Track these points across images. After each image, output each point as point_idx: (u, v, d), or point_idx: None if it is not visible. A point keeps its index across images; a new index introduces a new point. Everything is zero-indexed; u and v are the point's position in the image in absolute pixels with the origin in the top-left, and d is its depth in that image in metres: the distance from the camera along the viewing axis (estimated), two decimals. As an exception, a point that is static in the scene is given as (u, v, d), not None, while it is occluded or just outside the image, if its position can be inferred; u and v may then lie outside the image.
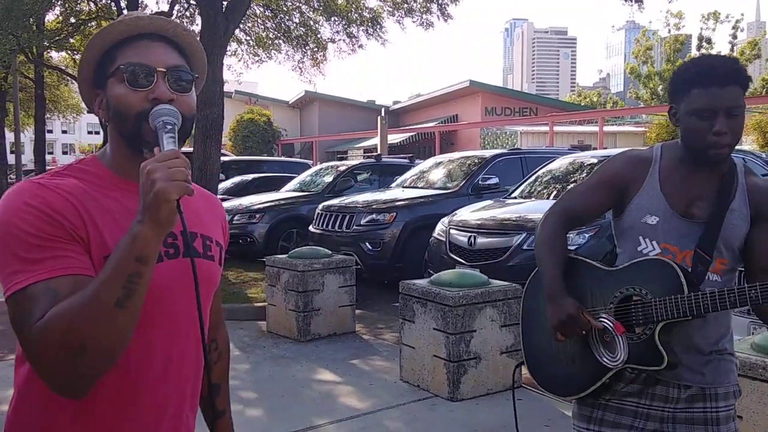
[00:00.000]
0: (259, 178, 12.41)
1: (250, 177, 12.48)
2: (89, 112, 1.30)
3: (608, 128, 25.21)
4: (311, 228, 8.52)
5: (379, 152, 14.33)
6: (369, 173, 11.00)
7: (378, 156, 11.53)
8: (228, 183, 12.44)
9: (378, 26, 14.08)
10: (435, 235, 6.80)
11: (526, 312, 1.95)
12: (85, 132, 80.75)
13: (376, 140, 20.16)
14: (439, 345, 4.30)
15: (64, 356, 1.00)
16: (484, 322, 4.34)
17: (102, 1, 15.64)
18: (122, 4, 13.70)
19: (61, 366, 1.00)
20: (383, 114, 20.25)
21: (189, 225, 1.11)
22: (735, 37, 35.56)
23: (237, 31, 13.23)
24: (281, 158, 22.05)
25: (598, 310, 1.74)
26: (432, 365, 4.37)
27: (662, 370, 1.67)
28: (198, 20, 12.22)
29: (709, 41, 33.60)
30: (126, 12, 12.81)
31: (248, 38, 15.22)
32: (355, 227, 7.82)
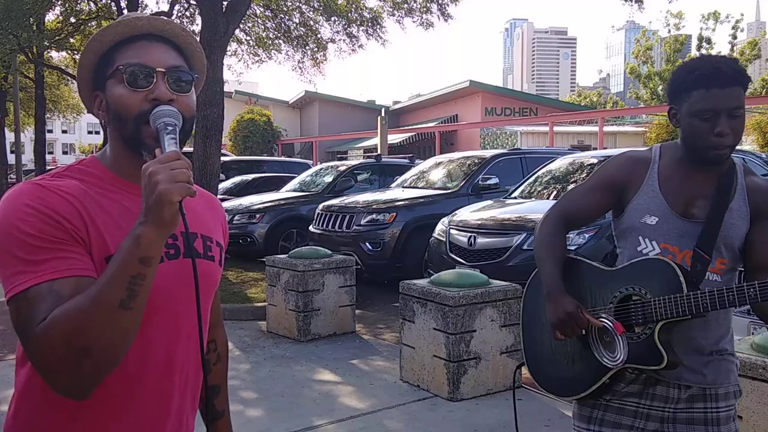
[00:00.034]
0: (259, 178, 12.42)
1: (250, 177, 12.50)
2: (89, 112, 1.29)
3: (608, 128, 25.18)
4: (311, 228, 8.52)
5: (379, 152, 14.33)
6: (369, 173, 11.00)
7: (378, 156, 11.52)
8: (228, 183, 12.45)
9: (378, 26, 14.09)
10: (435, 235, 6.80)
11: (527, 312, 1.95)
12: (85, 132, 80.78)
13: (376, 140, 20.15)
14: (439, 345, 4.30)
15: (68, 357, 0.99)
16: (484, 322, 4.34)
17: (102, 1, 15.65)
18: (122, 4, 13.71)
19: (65, 367, 1.00)
20: (383, 114, 20.25)
21: (190, 225, 1.11)
22: (735, 38, 35.51)
23: (237, 31, 13.23)
24: (281, 158, 22.04)
25: (598, 310, 1.74)
26: (432, 365, 4.37)
27: (662, 370, 1.67)
28: (198, 20, 12.24)
29: (709, 41, 33.57)
30: (126, 12, 12.83)
31: (248, 38, 15.23)
32: (355, 227, 7.82)
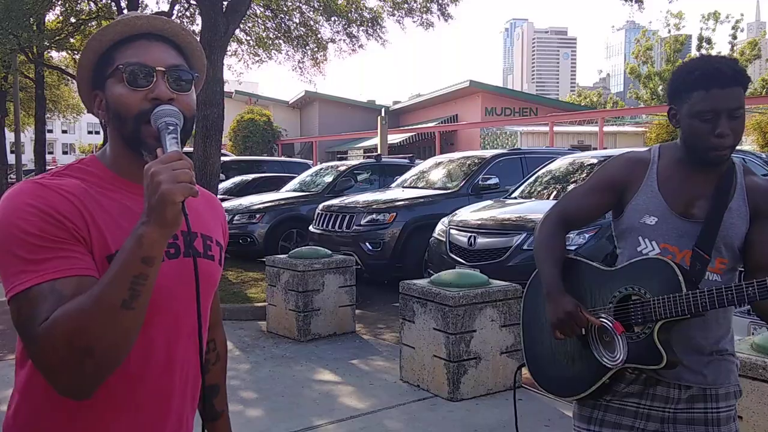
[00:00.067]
0: (259, 178, 12.42)
1: (250, 177, 12.50)
2: (89, 112, 1.29)
3: (608, 128, 25.17)
4: (311, 228, 8.52)
5: (379, 152, 14.33)
6: (369, 173, 11.00)
7: (378, 156, 11.52)
8: (228, 183, 12.45)
9: (378, 26, 14.10)
10: (435, 235, 6.80)
11: (527, 312, 1.95)
12: (85, 132, 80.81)
13: (376, 140, 20.15)
14: (439, 345, 4.30)
15: (71, 357, 0.99)
16: (484, 322, 4.34)
17: (102, 1, 15.65)
18: (122, 4, 13.71)
19: (67, 367, 1.00)
20: (383, 114, 20.24)
21: (191, 225, 1.11)
22: (735, 38, 35.51)
23: (237, 31, 13.23)
24: (281, 158, 22.05)
25: (598, 310, 1.74)
26: (432, 365, 4.37)
27: (662, 370, 1.67)
28: (198, 20, 12.24)
29: (709, 41, 33.56)
30: (126, 12, 12.80)
31: (248, 38, 15.24)
32: (355, 227, 7.82)
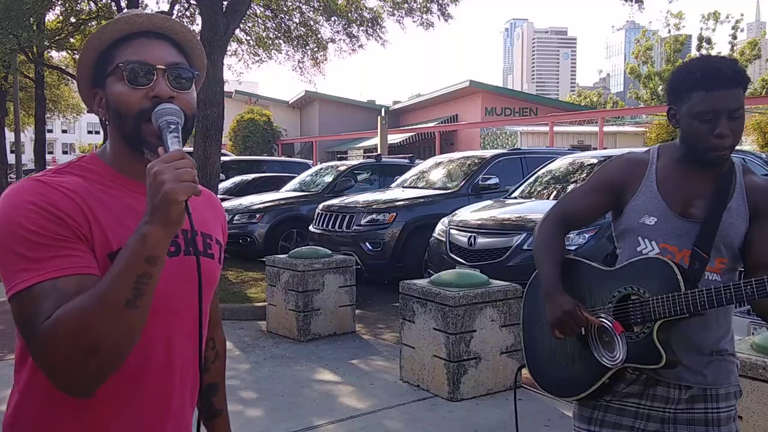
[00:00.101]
0: (259, 178, 12.41)
1: (250, 177, 12.49)
2: (89, 112, 1.28)
3: (608, 128, 25.17)
4: (311, 228, 8.52)
5: (379, 152, 14.32)
6: (369, 173, 11.00)
7: (378, 156, 11.52)
8: (228, 183, 12.45)
9: (378, 26, 14.09)
10: (435, 235, 6.79)
11: (527, 313, 1.95)
12: (85, 132, 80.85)
13: (376, 140, 20.15)
14: (439, 345, 4.30)
15: (74, 356, 0.99)
16: (484, 322, 4.33)
17: (102, 1, 15.64)
18: (122, 4, 13.70)
19: (71, 366, 1.00)
20: (383, 114, 20.24)
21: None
22: (735, 38, 35.50)
23: (237, 31, 13.23)
24: (281, 158, 22.04)
25: (597, 310, 1.74)
26: (432, 365, 4.37)
27: (661, 369, 1.67)
28: (198, 20, 12.22)
29: (709, 41, 33.56)
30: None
31: (248, 38, 15.23)
32: (355, 227, 7.81)
